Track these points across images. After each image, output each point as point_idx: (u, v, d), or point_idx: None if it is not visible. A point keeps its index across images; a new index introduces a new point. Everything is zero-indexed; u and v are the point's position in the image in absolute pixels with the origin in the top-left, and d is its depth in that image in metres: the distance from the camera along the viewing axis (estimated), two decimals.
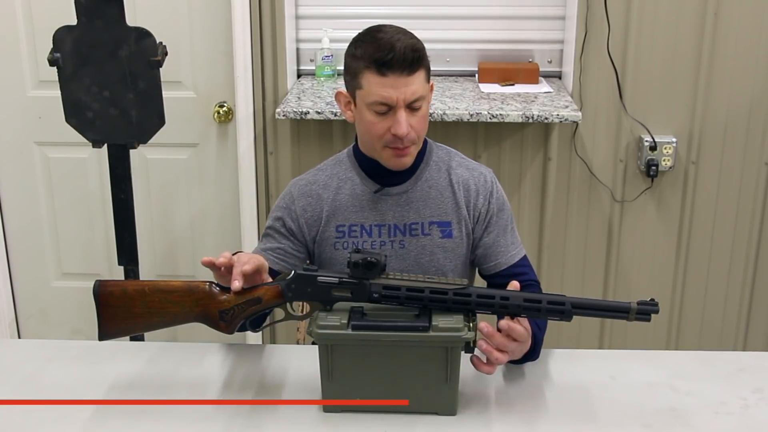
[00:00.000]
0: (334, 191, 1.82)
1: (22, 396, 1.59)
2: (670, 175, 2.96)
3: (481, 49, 3.01)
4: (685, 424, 1.50)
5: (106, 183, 2.90)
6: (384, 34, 1.68)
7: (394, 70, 1.65)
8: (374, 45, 1.67)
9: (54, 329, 3.27)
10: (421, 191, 1.81)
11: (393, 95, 1.67)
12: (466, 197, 1.81)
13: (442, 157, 1.86)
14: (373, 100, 1.68)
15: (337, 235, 1.80)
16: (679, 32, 2.82)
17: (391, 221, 1.80)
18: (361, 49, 1.69)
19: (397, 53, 1.64)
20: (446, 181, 1.82)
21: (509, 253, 1.81)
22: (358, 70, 1.69)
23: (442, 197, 1.81)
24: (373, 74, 1.67)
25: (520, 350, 1.55)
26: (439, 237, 1.80)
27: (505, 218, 1.83)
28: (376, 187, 1.80)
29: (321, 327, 1.46)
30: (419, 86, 1.69)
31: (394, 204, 1.80)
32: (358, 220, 1.80)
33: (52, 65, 2.29)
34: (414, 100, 1.68)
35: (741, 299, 3.10)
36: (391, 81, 1.66)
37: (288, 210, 1.82)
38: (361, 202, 1.80)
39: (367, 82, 1.68)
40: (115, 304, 1.52)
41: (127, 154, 2.42)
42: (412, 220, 1.80)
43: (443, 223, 1.80)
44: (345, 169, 1.84)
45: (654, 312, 1.46)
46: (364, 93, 1.70)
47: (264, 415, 1.53)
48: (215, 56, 2.97)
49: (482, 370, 1.51)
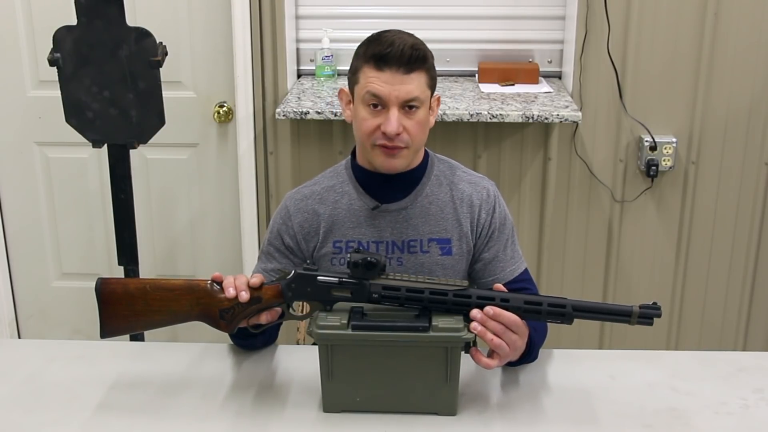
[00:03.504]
0: (331, 206, 1.78)
1: (22, 396, 1.59)
2: (670, 175, 2.96)
3: (481, 49, 3.01)
4: (685, 424, 1.50)
5: (106, 183, 2.90)
6: (389, 33, 1.68)
7: (391, 65, 1.64)
8: (376, 42, 1.67)
9: (54, 329, 3.28)
10: (421, 207, 1.77)
11: (386, 90, 1.65)
12: (469, 213, 1.78)
13: (444, 171, 1.82)
14: (365, 92, 1.66)
15: (334, 250, 1.77)
16: (679, 32, 2.83)
17: (389, 238, 1.76)
18: (364, 47, 1.69)
19: (395, 49, 1.63)
20: (448, 197, 1.79)
21: (508, 269, 1.78)
22: (358, 65, 1.69)
23: (442, 213, 1.78)
24: (370, 68, 1.66)
25: (516, 343, 1.49)
26: (438, 254, 1.77)
27: (506, 233, 1.80)
28: (374, 203, 1.76)
29: (321, 327, 1.46)
30: (416, 88, 1.66)
31: (393, 221, 1.77)
32: (356, 236, 1.76)
33: (52, 65, 2.29)
34: (409, 99, 1.66)
35: (741, 299, 3.10)
36: (387, 76, 1.65)
37: (285, 226, 1.79)
38: (358, 218, 1.77)
39: (363, 75, 1.67)
40: (117, 301, 1.52)
41: (127, 154, 2.42)
42: (411, 237, 1.76)
43: (443, 240, 1.77)
44: (342, 182, 1.80)
45: (656, 316, 1.46)
46: (359, 87, 1.69)
47: (264, 415, 1.53)
48: (215, 56, 2.97)
49: (481, 363, 1.47)
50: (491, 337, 1.45)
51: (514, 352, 1.50)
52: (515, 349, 1.49)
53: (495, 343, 1.45)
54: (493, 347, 1.46)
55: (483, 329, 1.45)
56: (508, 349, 1.47)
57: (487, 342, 1.45)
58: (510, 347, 1.47)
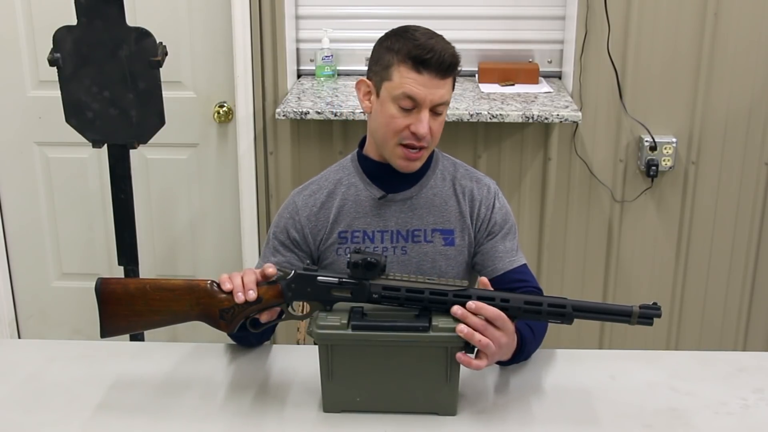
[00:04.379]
0: (339, 197, 1.81)
1: (22, 396, 1.59)
2: (670, 175, 2.96)
3: (481, 49, 3.01)
4: (685, 424, 1.50)
5: (106, 183, 2.90)
6: (421, 35, 1.70)
7: (431, 70, 1.67)
8: (414, 42, 1.68)
9: (54, 329, 3.27)
10: (426, 198, 1.81)
11: (422, 93, 1.67)
12: (470, 206, 1.82)
13: (447, 167, 1.86)
14: (401, 92, 1.68)
15: (340, 240, 1.79)
16: (679, 32, 2.83)
17: (394, 227, 1.80)
18: (399, 44, 1.69)
19: (437, 54, 1.66)
20: (450, 190, 1.83)
21: (507, 259, 1.80)
22: (392, 62, 1.69)
23: (446, 205, 1.81)
24: (408, 69, 1.67)
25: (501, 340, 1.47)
26: (441, 244, 1.79)
27: (507, 228, 1.83)
28: (381, 193, 1.80)
29: (321, 327, 1.46)
30: (447, 92, 1.71)
31: (398, 210, 1.80)
32: (361, 226, 1.79)
33: (52, 65, 2.29)
34: (440, 103, 1.70)
35: (741, 299, 3.10)
36: (425, 80, 1.67)
37: (292, 220, 1.81)
38: (364, 208, 1.80)
39: (399, 74, 1.68)
40: (117, 301, 1.52)
41: (127, 154, 2.42)
42: (415, 227, 1.80)
43: (446, 230, 1.80)
44: (348, 174, 1.84)
45: (656, 316, 1.45)
46: (392, 85, 1.69)
47: (264, 415, 1.53)
48: (215, 56, 2.97)
49: (471, 366, 1.46)
50: (479, 338, 1.44)
51: (502, 350, 1.48)
52: (501, 346, 1.47)
53: (483, 343, 1.44)
54: (481, 348, 1.45)
55: (470, 331, 1.44)
56: (495, 348, 1.46)
57: (474, 343, 1.45)
58: (495, 344, 1.46)
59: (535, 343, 1.67)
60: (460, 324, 1.44)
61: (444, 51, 1.68)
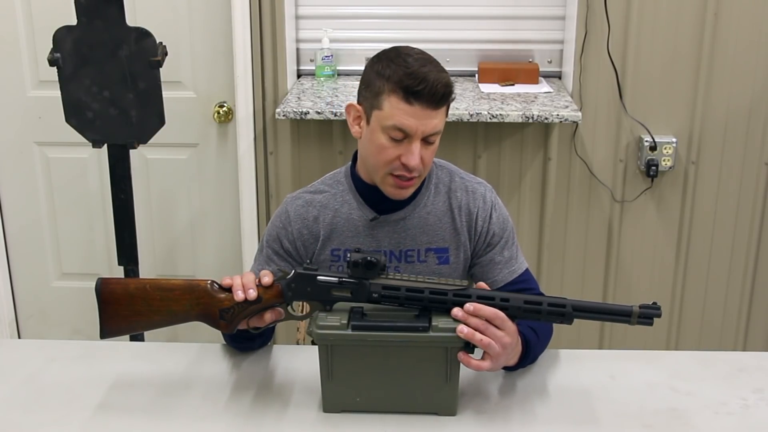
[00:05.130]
0: (331, 214, 1.77)
1: (22, 396, 1.59)
2: (670, 175, 2.96)
3: (481, 49, 3.01)
4: (685, 424, 1.50)
5: (106, 183, 2.90)
6: (414, 61, 1.61)
7: (422, 101, 1.59)
8: (405, 70, 1.60)
9: (54, 329, 3.28)
10: (419, 218, 1.77)
11: (413, 125, 1.60)
12: (467, 221, 1.77)
13: (442, 179, 1.80)
14: (391, 124, 1.61)
15: (332, 258, 1.77)
16: (679, 32, 2.83)
17: (387, 247, 1.76)
18: (390, 70, 1.61)
19: (430, 86, 1.58)
20: (445, 206, 1.78)
21: (506, 271, 1.78)
22: (382, 90, 1.62)
23: (440, 223, 1.77)
24: (398, 99, 1.60)
25: (503, 340, 1.46)
26: (435, 263, 1.77)
27: (506, 236, 1.79)
28: (373, 215, 1.76)
29: (321, 327, 1.46)
30: (440, 122, 1.64)
31: (391, 231, 1.76)
32: (354, 245, 1.75)
33: (52, 65, 2.29)
34: (432, 133, 1.64)
35: (741, 299, 3.10)
36: (416, 111, 1.60)
37: (285, 231, 1.78)
38: (357, 228, 1.76)
39: (389, 105, 1.61)
40: (117, 301, 1.52)
41: (127, 154, 2.42)
42: (408, 247, 1.77)
43: (440, 249, 1.77)
44: (343, 190, 1.79)
45: (656, 316, 1.45)
46: (383, 115, 1.62)
47: (264, 415, 1.53)
48: (215, 56, 2.97)
49: (471, 366, 1.46)
50: (480, 338, 1.44)
51: (505, 351, 1.48)
52: (504, 346, 1.46)
53: (484, 342, 1.44)
54: (483, 347, 1.45)
55: (470, 331, 1.44)
56: (498, 348, 1.45)
57: (476, 343, 1.45)
58: (498, 345, 1.45)
59: (540, 345, 1.67)
60: (460, 325, 1.44)
61: (437, 81, 1.59)
